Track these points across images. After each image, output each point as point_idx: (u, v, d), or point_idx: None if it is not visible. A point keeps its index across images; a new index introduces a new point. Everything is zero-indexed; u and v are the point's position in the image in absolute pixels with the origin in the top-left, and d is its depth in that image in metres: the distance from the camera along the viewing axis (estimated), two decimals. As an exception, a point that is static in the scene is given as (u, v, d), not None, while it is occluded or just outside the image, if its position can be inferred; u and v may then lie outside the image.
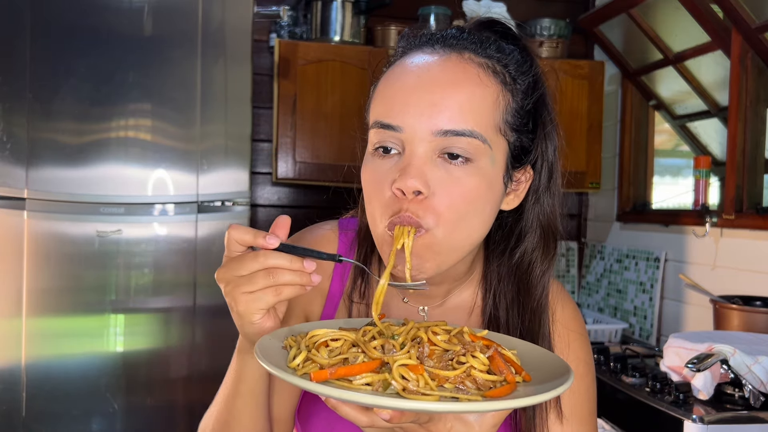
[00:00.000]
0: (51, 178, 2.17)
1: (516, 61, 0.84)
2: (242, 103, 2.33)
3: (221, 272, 0.74)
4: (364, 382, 0.67)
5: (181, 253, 2.27)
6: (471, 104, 0.78)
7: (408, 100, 0.79)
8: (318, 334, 0.73)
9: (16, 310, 2.15)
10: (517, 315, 0.90)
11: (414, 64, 0.82)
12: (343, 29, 2.77)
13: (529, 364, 0.74)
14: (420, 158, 0.78)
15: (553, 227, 0.90)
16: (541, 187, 0.88)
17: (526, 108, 0.84)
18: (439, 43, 0.83)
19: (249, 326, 0.75)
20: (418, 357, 0.69)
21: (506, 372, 0.69)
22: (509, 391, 0.67)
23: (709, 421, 1.68)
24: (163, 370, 2.28)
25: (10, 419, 2.15)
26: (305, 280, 0.72)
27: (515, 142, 0.83)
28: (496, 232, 0.90)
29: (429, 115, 0.77)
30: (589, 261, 3.31)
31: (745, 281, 2.34)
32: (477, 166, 0.79)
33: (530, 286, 0.90)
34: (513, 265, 0.90)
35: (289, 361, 0.71)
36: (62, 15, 2.19)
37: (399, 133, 0.79)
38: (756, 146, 2.41)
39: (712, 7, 2.40)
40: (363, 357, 0.69)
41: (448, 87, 0.79)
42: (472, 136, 0.78)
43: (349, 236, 0.97)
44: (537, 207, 0.89)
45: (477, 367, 0.69)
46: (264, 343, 0.73)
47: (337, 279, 0.95)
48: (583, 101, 2.94)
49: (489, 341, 0.74)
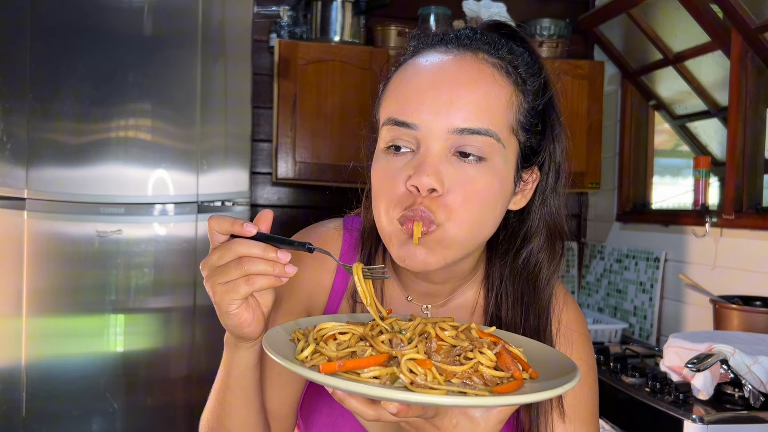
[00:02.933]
0: (51, 178, 2.17)
1: (526, 63, 0.85)
2: (242, 103, 2.33)
3: (203, 263, 0.74)
4: (372, 375, 0.67)
5: (181, 253, 2.27)
6: (486, 103, 0.79)
7: (423, 98, 0.79)
8: (326, 327, 0.73)
9: (16, 310, 2.15)
10: (519, 315, 0.90)
11: (428, 63, 0.82)
12: (343, 29, 2.77)
13: (535, 361, 0.74)
14: (435, 156, 0.78)
15: (560, 228, 0.90)
16: (548, 188, 0.89)
17: (536, 109, 0.85)
18: (453, 43, 0.84)
19: (226, 317, 0.74)
20: (426, 352, 0.69)
21: (513, 368, 0.69)
22: (516, 387, 0.68)
23: (709, 421, 1.68)
24: (163, 370, 2.28)
25: (10, 419, 2.15)
26: (278, 270, 0.71)
27: (526, 143, 0.84)
28: (501, 233, 0.91)
29: (445, 113, 0.78)
30: (589, 261, 3.31)
31: (745, 281, 2.34)
32: (490, 164, 0.80)
33: (537, 288, 0.90)
34: (518, 266, 0.91)
35: (297, 353, 0.71)
36: (62, 15, 2.18)
37: (414, 131, 0.79)
38: (756, 146, 2.41)
39: (712, 7, 2.40)
40: (371, 351, 0.69)
41: (463, 86, 0.79)
42: (488, 134, 0.79)
43: (353, 235, 0.97)
44: (543, 208, 0.89)
45: (484, 363, 0.69)
46: (272, 335, 0.73)
47: (340, 277, 0.95)
48: (583, 101, 2.94)
49: (496, 338, 0.74)
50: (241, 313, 0.74)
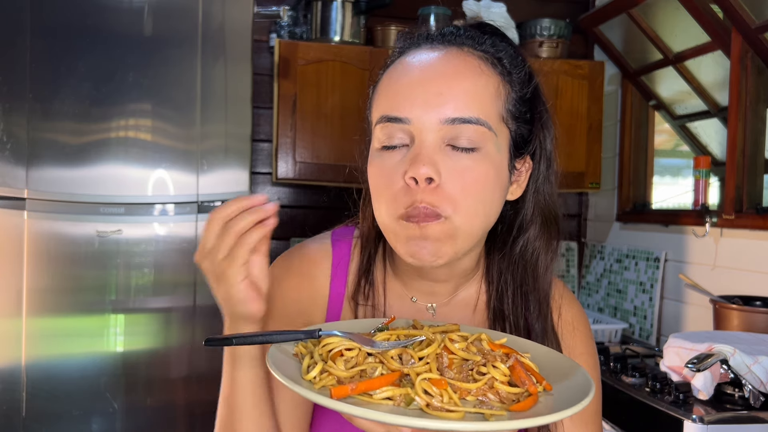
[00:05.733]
0: (51, 178, 2.17)
1: (510, 55, 0.87)
2: (242, 103, 2.33)
3: (198, 255, 0.75)
4: (385, 396, 0.65)
5: (181, 253, 2.27)
6: (475, 93, 0.80)
7: (413, 92, 0.80)
8: (332, 343, 0.71)
9: (16, 310, 2.15)
10: (521, 305, 0.91)
11: (416, 60, 0.84)
12: (343, 29, 2.77)
13: (546, 369, 0.73)
14: (429, 147, 0.79)
15: (554, 215, 0.91)
16: (540, 176, 0.90)
17: (524, 98, 0.86)
18: (438, 40, 0.86)
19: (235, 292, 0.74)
20: (438, 368, 0.67)
21: (528, 383, 0.68)
22: (533, 403, 0.66)
23: (709, 421, 1.68)
24: (163, 370, 2.28)
25: (10, 419, 2.15)
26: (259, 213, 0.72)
27: (516, 131, 0.85)
28: (498, 225, 0.91)
29: (435, 105, 0.79)
30: (589, 261, 3.31)
31: (745, 281, 2.34)
32: (484, 153, 0.81)
33: (537, 275, 0.91)
34: (515, 256, 0.91)
35: (304, 372, 0.69)
36: (62, 15, 2.18)
37: (407, 125, 0.80)
38: (756, 146, 2.41)
39: (712, 7, 2.40)
40: (381, 368, 0.68)
41: (451, 77, 0.81)
42: (479, 123, 0.80)
43: (343, 246, 0.96)
44: (537, 196, 0.90)
45: (498, 379, 0.67)
46: (274, 353, 0.71)
47: (336, 281, 0.94)
48: (583, 101, 2.94)
49: (508, 349, 0.72)
50: (247, 285, 0.74)
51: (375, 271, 0.94)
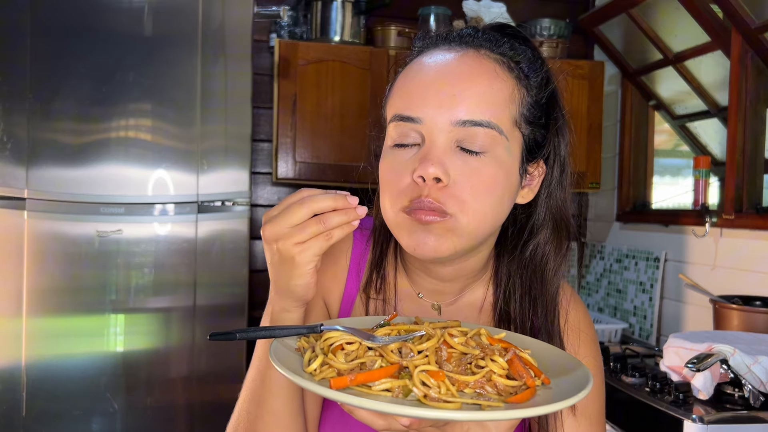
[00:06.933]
0: (51, 178, 2.17)
1: (528, 59, 0.87)
2: (242, 103, 2.33)
3: (270, 228, 0.75)
4: (384, 388, 0.66)
5: (181, 253, 2.27)
6: (488, 96, 0.81)
7: (427, 92, 0.81)
8: (333, 337, 0.72)
9: (16, 310, 2.15)
10: (527, 308, 0.91)
11: (432, 60, 0.84)
12: (343, 29, 2.77)
13: (546, 364, 0.73)
14: (439, 148, 0.80)
15: (566, 221, 0.91)
16: (553, 181, 0.90)
17: (540, 103, 0.86)
18: (455, 41, 0.86)
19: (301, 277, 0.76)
20: (437, 361, 0.68)
21: (526, 376, 0.69)
22: (530, 396, 0.67)
23: (708, 421, 1.68)
24: (163, 370, 2.28)
25: (10, 419, 2.15)
26: (352, 215, 0.74)
27: (530, 135, 0.85)
28: (509, 229, 0.91)
29: (448, 106, 0.80)
30: (589, 261, 3.31)
31: (744, 281, 2.34)
32: (494, 156, 0.81)
33: (545, 279, 0.91)
34: (525, 259, 0.91)
35: (305, 365, 0.70)
36: (62, 15, 2.18)
37: (418, 125, 0.81)
38: (756, 146, 2.42)
39: (712, 7, 2.41)
40: (381, 361, 0.69)
41: (466, 80, 0.81)
42: (490, 126, 0.80)
43: (365, 234, 0.98)
44: (549, 201, 0.90)
45: (497, 372, 0.68)
46: (277, 347, 0.72)
47: (353, 272, 0.96)
48: (583, 101, 2.94)
49: (507, 344, 0.73)
50: (313, 272, 0.76)
51: (387, 266, 0.95)
